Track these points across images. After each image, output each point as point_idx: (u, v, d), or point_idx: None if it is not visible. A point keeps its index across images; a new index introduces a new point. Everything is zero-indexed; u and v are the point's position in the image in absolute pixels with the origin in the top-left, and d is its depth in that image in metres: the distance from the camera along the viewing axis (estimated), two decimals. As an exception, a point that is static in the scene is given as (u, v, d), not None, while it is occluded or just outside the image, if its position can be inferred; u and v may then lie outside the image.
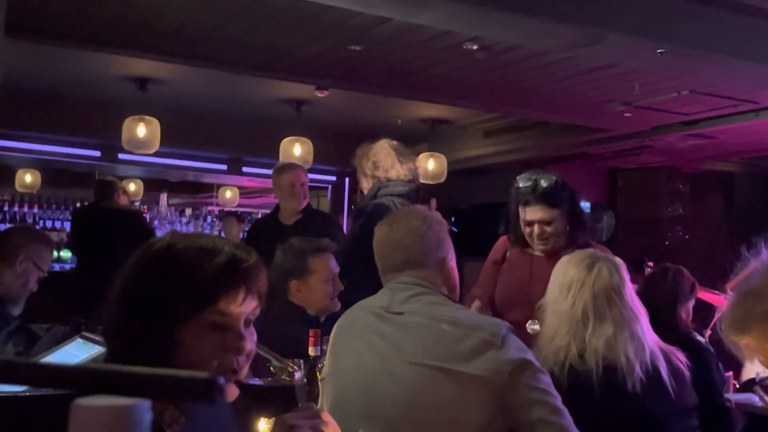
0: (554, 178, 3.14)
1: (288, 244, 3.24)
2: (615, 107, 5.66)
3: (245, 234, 6.61)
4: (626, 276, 2.45)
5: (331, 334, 2.15)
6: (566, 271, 2.44)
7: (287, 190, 4.69)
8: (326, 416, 1.44)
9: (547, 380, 1.87)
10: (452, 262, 2.17)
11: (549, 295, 2.47)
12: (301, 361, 2.40)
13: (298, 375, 1.60)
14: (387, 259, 2.12)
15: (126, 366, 0.49)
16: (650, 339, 2.38)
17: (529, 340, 2.51)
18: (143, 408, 0.47)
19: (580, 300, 2.35)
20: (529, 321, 2.88)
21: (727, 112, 5.70)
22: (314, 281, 3.12)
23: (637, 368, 2.28)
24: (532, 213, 3.11)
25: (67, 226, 9.08)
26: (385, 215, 2.24)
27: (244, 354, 1.29)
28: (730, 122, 5.85)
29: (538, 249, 3.16)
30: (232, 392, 1.28)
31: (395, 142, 3.96)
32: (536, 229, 3.10)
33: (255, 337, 1.32)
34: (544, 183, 3.11)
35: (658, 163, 7.85)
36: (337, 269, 3.22)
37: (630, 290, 2.43)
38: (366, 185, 3.89)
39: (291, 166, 4.82)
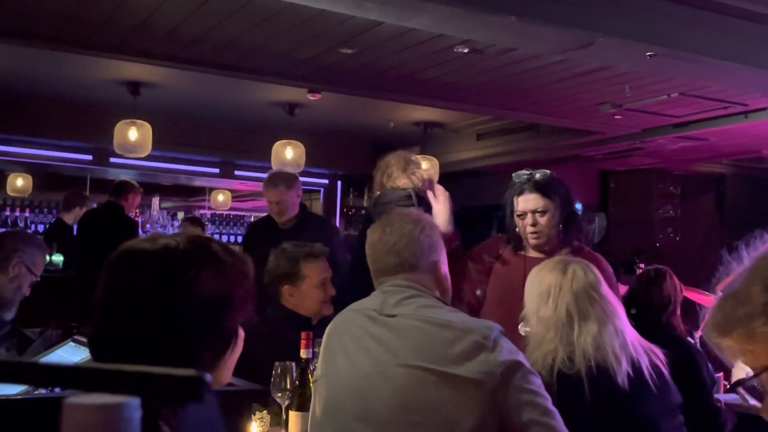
0: (549, 172, 3.17)
1: (281, 249, 3.24)
2: (606, 110, 5.68)
3: (242, 238, 6.61)
4: (599, 274, 2.48)
5: (324, 336, 2.15)
6: (541, 279, 2.47)
7: (270, 206, 4.72)
8: None
9: (537, 382, 1.89)
10: (444, 266, 2.18)
11: (529, 306, 2.49)
12: (293, 364, 2.43)
13: None
14: (380, 262, 2.13)
15: (115, 364, 0.49)
16: (630, 334, 2.41)
17: (521, 342, 2.53)
18: (133, 406, 0.47)
19: (561, 302, 2.38)
20: (521, 324, 2.90)
21: (718, 114, 5.72)
22: (306, 286, 3.13)
23: (624, 363, 2.31)
24: (525, 202, 3.12)
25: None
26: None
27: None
28: (720, 124, 5.88)
29: (530, 244, 3.15)
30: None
31: (401, 152, 3.95)
32: (529, 219, 3.10)
33: None
34: (539, 175, 3.14)
35: (650, 164, 7.88)
36: (329, 273, 3.22)
37: (606, 287, 2.46)
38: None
39: (272, 182, 4.71)
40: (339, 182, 9.05)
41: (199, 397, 0.46)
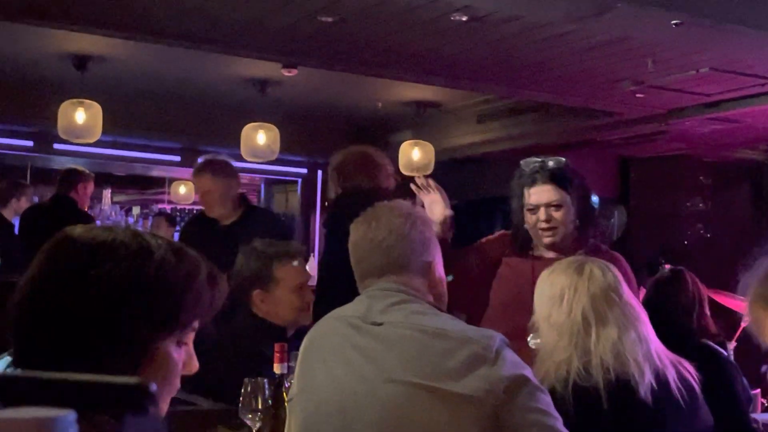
0: (564, 160, 3.18)
1: (251, 248, 3.24)
2: (626, 87, 5.69)
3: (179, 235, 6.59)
4: (619, 274, 2.49)
5: (301, 348, 2.15)
6: (553, 281, 2.48)
7: (199, 199, 4.73)
8: None
9: (546, 400, 1.90)
10: (440, 267, 2.19)
11: (539, 311, 2.51)
12: (265, 380, 2.42)
13: None
14: (365, 262, 2.13)
15: (48, 372, 0.48)
16: (655, 343, 2.43)
17: (529, 354, 2.53)
18: (67, 420, 0.47)
19: (577, 305, 2.39)
20: (531, 335, 2.90)
21: (754, 92, 5.74)
22: (280, 292, 3.12)
23: (648, 374, 2.32)
24: (538, 194, 3.12)
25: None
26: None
27: (191, 373, 1.36)
28: (757, 103, 5.89)
29: (542, 243, 3.16)
30: (164, 409, 1.32)
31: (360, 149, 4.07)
32: (542, 214, 3.10)
33: None
34: (552, 163, 3.14)
35: (676, 151, 7.90)
36: (307, 277, 3.22)
37: (627, 289, 2.48)
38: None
39: (197, 170, 4.71)
40: (320, 171, 9.04)
41: (142, 409, 0.46)
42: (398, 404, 1.88)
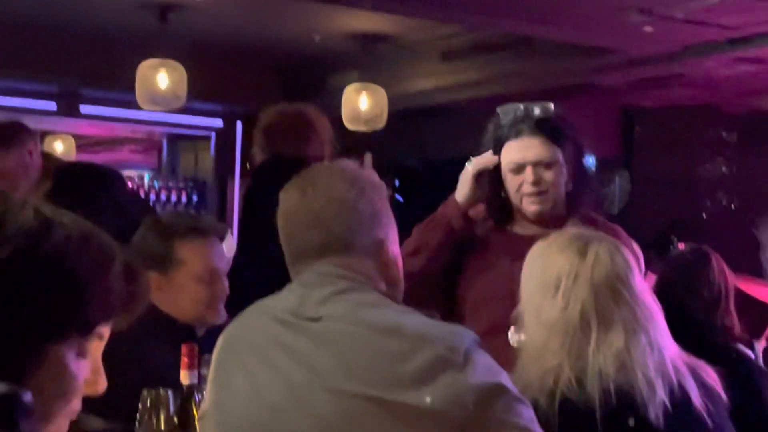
0: (553, 106, 3.17)
1: (153, 219, 3.22)
2: (631, 18, 5.72)
3: None
4: (632, 260, 2.49)
5: (215, 351, 2.15)
6: (548, 262, 2.46)
7: None
8: None
9: (528, 414, 1.90)
10: (394, 245, 2.18)
11: (526, 301, 2.50)
12: (169, 391, 2.41)
13: None
14: (297, 240, 2.11)
15: None
16: (671, 348, 2.43)
17: (507, 355, 2.54)
18: None
19: (575, 300, 2.37)
20: (511, 329, 2.92)
21: (792, 24, 5.81)
22: (182, 278, 3.10)
23: (660, 391, 2.32)
24: (523, 150, 3.10)
25: None
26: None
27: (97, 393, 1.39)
28: (795, 39, 5.98)
29: (527, 211, 3.16)
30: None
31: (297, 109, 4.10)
32: (530, 175, 3.09)
33: None
34: (539, 110, 3.14)
35: (692, 100, 8.00)
36: (221, 262, 3.19)
37: (639, 279, 2.48)
38: None
39: None
40: (239, 123, 8.99)
41: (12, 424, 0.44)
42: (340, 420, 1.87)
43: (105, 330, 1.35)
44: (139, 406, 2.41)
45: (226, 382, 2.06)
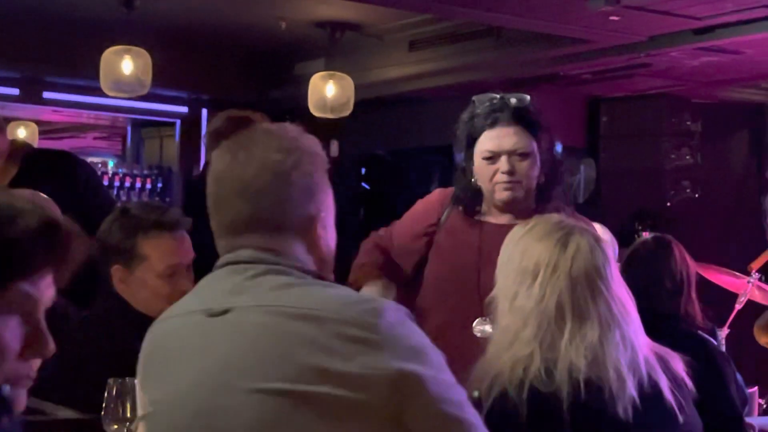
0: (528, 97, 3.19)
1: (121, 210, 3.19)
2: (596, 7, 5.73)
3: None
4: (610, 253, 2.48)
5: (140, 354, 2.04)
6: (527, 250, 2.43)
7: None
8: None
9: (456, 396, 1.81)
10: (330, 218, 2.03)
11: (502, 286, 2.46)
12: (135, 380, 2.41)
13: None
14: (224, 207, 1.94)
15: None
16: (643, 343, 2.43)
17: (472, 347, 2.55)
18: None
19: (552, 290, 2.34)
20: (478, 319, 2.92)
21: (756, 15, 5.82)
22: (144, 273, 3.07)
23: (630, 386, 2.30)
24: (499, 138, 3.11)
25: None
26: None
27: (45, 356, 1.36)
28: (761, 30, 5.98)
29: (498, 199, 3.17)
30: (21, 402, 1.33)
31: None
32: (504, 164, 3.10)
33: None
34: (515, 100, 3.15)
35: (658, 89, 8.01)
36: (185, 258, 3.16)
37: (616, 272, 2.47)
38: None
39: None
40: (204, 110, 8.95)
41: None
42: (261, 421, 1.76)
43: (37, 291, 1.35)
44: (105, 395, 2.40)
45: (153, 387, 1.95)
